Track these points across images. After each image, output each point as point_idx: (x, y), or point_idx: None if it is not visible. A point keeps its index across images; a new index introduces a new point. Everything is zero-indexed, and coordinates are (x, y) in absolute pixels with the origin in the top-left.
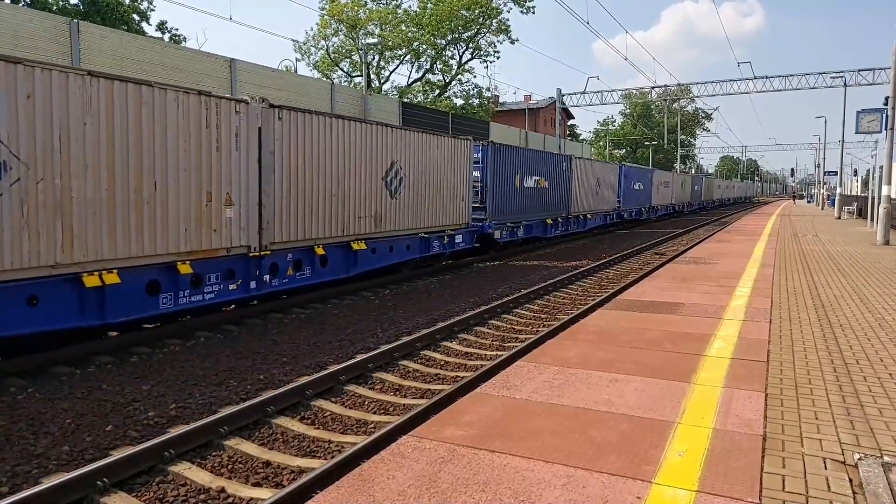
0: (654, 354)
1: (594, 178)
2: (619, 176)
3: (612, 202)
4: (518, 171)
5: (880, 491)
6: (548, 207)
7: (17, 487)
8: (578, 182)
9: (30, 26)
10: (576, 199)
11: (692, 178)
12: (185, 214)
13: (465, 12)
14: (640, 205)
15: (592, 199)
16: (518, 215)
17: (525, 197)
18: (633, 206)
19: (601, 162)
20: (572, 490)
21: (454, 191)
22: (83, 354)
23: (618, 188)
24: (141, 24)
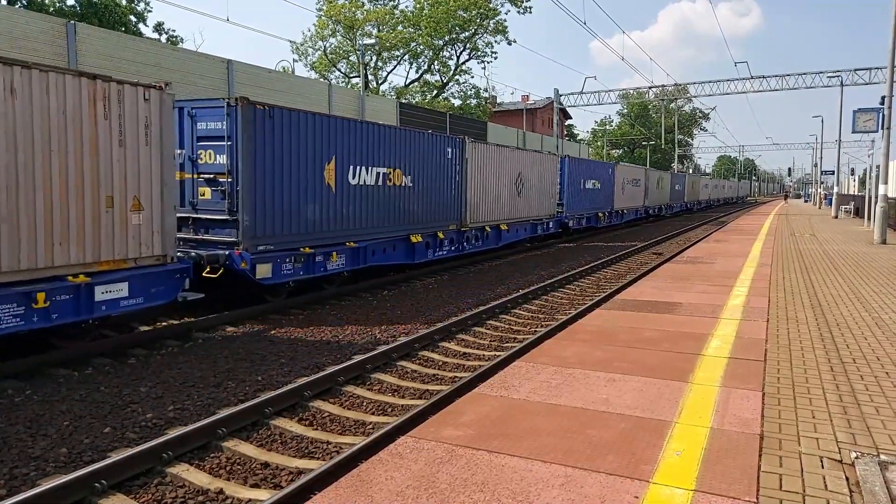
0: (652, 354)
1: (511, 172)
2: (561, 171)
3: (547, 206)
4: None
5: (877, 489)
6: (403, 219)
7: (15, 490)
8: (480, 179)
9: (26, 28)
10: (473, 205)
11: (672, 176)
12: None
13: (462, 13)
14: (595, 208)
15: (507, 203)
16: None
17: None
18: (585, 211)
19: (528, 152)
20: (570, 490)
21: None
22: (81, 356)
23: (560, 187)
24: (138, 25)
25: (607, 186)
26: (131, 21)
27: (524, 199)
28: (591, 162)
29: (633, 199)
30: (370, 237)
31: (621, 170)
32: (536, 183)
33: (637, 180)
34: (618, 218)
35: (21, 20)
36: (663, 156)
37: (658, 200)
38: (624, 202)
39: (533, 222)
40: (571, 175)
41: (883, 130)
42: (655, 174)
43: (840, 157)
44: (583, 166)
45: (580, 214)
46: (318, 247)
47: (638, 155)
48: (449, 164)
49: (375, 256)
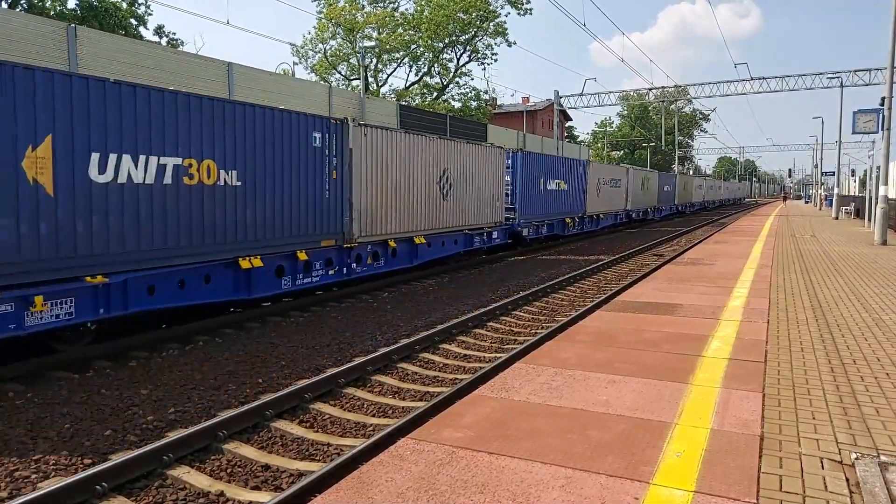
0: (652, 355)
1: (432, 168)
2: (512, 169)
3: (490, 212)
4: None
5: (877, 490)
6: (224, 234)
7: (16, 492)
8: (377, 176)
9: (27, 31)
10: (364, 212)
11: (659, 176)
12: None
13: (462, 15)
14: (561, 213)
15: (427, 209)
16: None
17: None
18: (547, 217)
19: (459, 143)
20: (570, 491)
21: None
22: (82, 359)
23: (512, 188)
24: (138, 28)
25: (577, 187)
26: (132, 24)
27: (454, 204)
28: (554, 158)
29: (611, 202)
30: (146, 265)
31: (596, 169)
32: (473, 183)
33: (616, 180)
34: (592, 224)
35: (22, 23)
36: (664, 157)
37: (643, 203)
38: (599, 205)
39: (469, 233)
40: (526, 174)
41: (883, 131)
42: (639, 174)
43: (840, 158)
44: (542, 163)
45: (539, 221)
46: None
47: (638, 156)
48: (317, 155)
49: (157, 296)
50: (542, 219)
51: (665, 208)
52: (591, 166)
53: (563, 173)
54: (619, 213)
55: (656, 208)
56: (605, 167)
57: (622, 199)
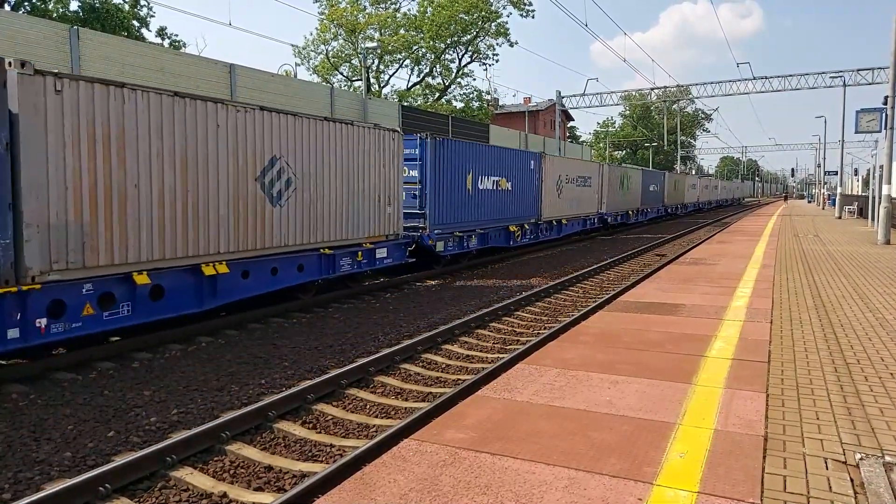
0: (655, 356)
1: (252, 156)
2: (422, 161)
3: (380, 222)
4: None
5: (881, 491)
6: None
7: (19, 494)
8: (89, 166)
9: (30, 33)
10: (70, 229)
11: (644, 174)
12: None
13: (464, 16)
14: (504, 220)
15: (247, 221)
16: None
17: None
18: (480, 224)
19: (307, 119)
20: (573, 492)
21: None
22: (85, 360)
23: (421, 187)
24: (141, 30)
25: (527, 187)
26: (134, 26)
27: (295, 211)
28: (490, 149)
29: (579, 205)
30: None
31: (555, 164)
32: (341, 179)
33: (585, 178)
34: (552, 231)
35: (25, 25)
36: (666, 157)
37: (623, 205)
38: (562, 208)
39: (330, 252)
40: (443, 168)
41: (886, 130)
42: (616, 171)
43: (843, 157)
44: (469, 155)
45: (466, 230)
46: None
47: (640, 156)
48: None
49: None
50: (471, 227)
51: (651, 210)
52: (547, 161)
53: (504, 169)
54: (589, 218)
55: (640, 210)
56: (568, 162)
57: (594, 201)
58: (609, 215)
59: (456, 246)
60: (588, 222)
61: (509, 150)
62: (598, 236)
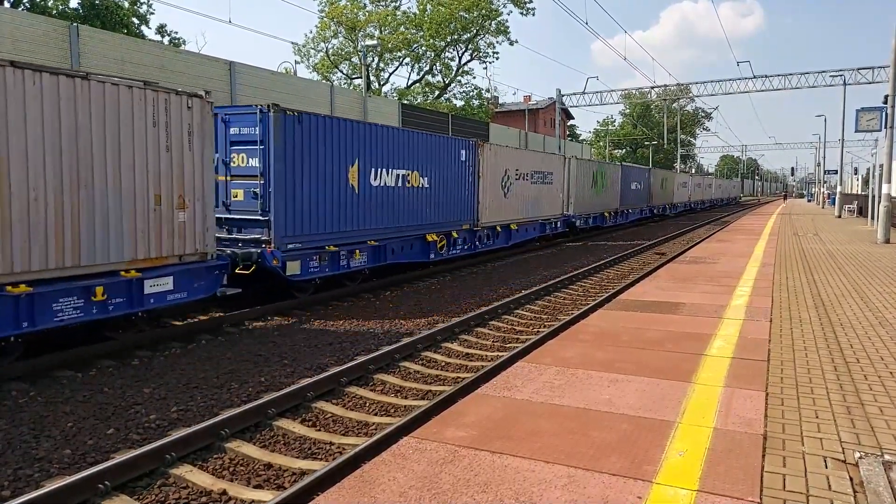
0: (655, 354)
1: None
2: (265, 146)
3: (171, 237)
4: None
5: (881, 489)
6: None
7: (19, 491)
8: None
9: (29, 31)
10: None
11: (624, 171)
12: None
13: (464, 14)
14: (418, 227)
15: None
16: None
17: None
18: (381, 234)
19: None
20: (573, 490)
21: None
22: (85, 358)
23: (265, 185)
24: (140, 27)
25: (457, 184)
26: (133, 23)
27: None
28: (390, 131)
29: (537, 206)
30: None
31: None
32: (55, 172)
33: (544, 174)
34: (495, 239)
35: (24, 23)
36: (666, 155)
37: (597, 205)
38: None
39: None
40: (298, 155)
41: (886, 129)
42: (588, 166)
43: (843, 156)
44: (353, 137)
45: (345, 243)
46: None
47: (640, 155)
48: None
49: None
50: (355, 240)
51: (633, 212)
52: (487, 151)
53: (417, 159)
54: (551, 221)
55: (619, 212)
56: (519, 154)
57: (557, 202)
58: (578, 218)
59: (327, 266)
60: (549, 227)
61: (425, 135)
62: (565, 243)
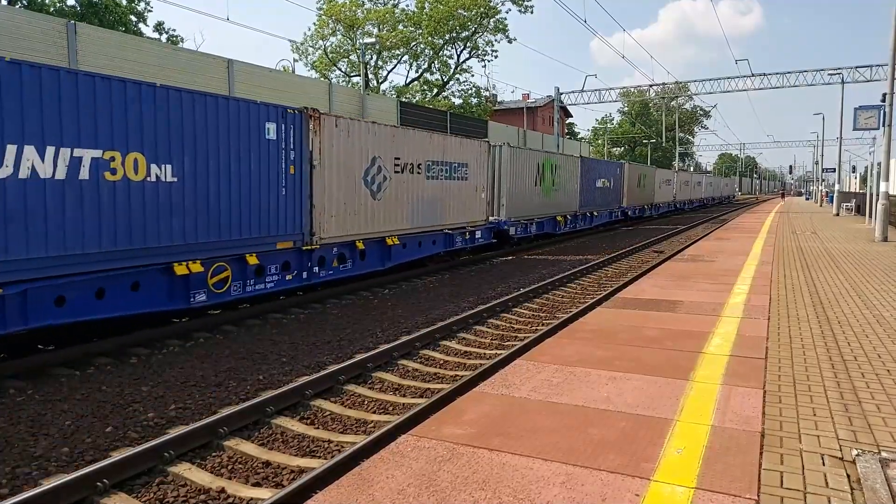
0: (653, 352)
1: None
2: None
3: None
4: None
5: (878, 486)
6: None
7: (17, 489)
8: None
9: (27, 28)
10: None
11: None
12: None
13: (462, 12)
14: (119, 256)
15: None
16: None
17: None
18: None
19: None
20: (571, 488)
21: None
22: (82, 356)
23: None
24: (138, 25)
25: (252, 177)
26: (131, 21)
27: None
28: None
29: (437, 211)
30: None
31: (353, 133)
32: None
33: (453, 166)
34: (351, 265)
35: (22, 20)
36: (665, 154)
37: (548, 207)
38: (383, 221)
39: None
40: None
41: (884, 128)
42: (527, 157)
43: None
44: None
45: None
46: None
47: (639, 153)
48: None
49: None
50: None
51: (600, 214)
52: (333, 127)
53: (143, 131)
54: (466, 231)
55: (578, 215)
56: (401, 137)
57: (475, 204)
58: (512, 225)
59: None
60: (462, 239)
61: (161, 90)
62: (493, 259)
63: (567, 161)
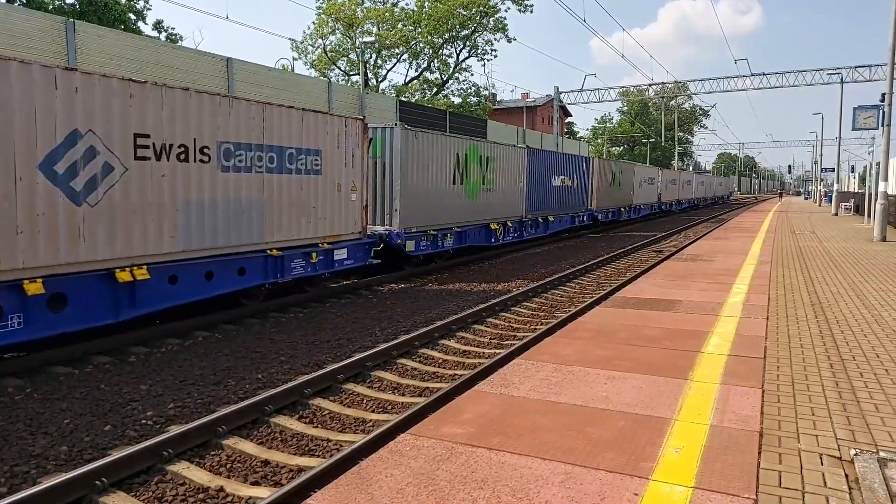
0: (652, 351)
1: None
2: None
3: None
4: None
5: (876, 486)
6: None
7: (15, 488)
8: None
9: (26, 26)
10: None
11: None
12: None
13: (462, 11)
14: None
15: None
16: None
17: None
18: None
19: None
20: (570, 487)
21: None
22: (81, 354)
23: None
24: (137, 23)
25: None
26: (130, 19)
27: None
28: None
29: (296, 218)
30: None
31: (136, 98)
32: None
33: (293, 153)
34: (137, 301)
35: (20, 18)
36: (664, 153)
37: (473, 214)
38: (193, 232)
39: None
40: None
41: (883, 128)
42: (450, 145)
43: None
44: None
45: None
46: None
47: (638, 152)
48: None
49: None
50: None
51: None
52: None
53: None
54: (332, 249)
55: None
56: (172, 98)
57: (340, 211)
58: (411, 238)
59: None
60: (302, 265)
61: None
62: (365, 289)
63: (506, 152)
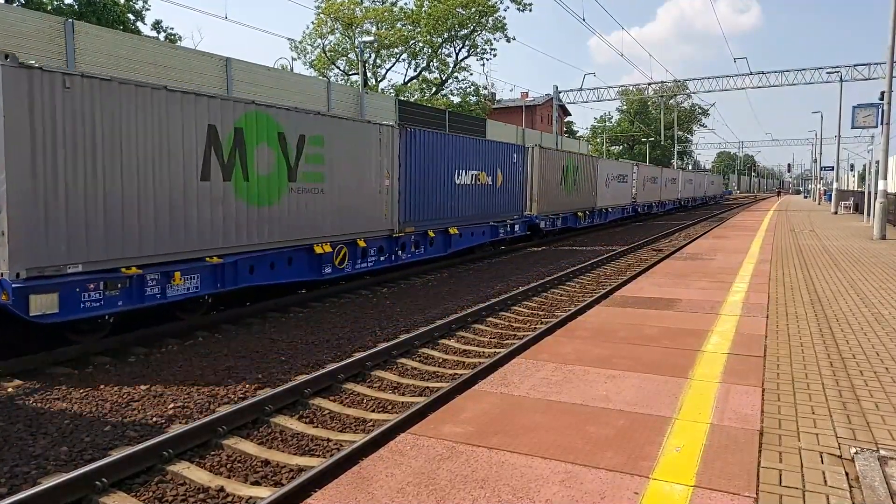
0: (652, 350)
1: None
2: None
3: None
4: None
5: (876, 484)
6: None
7: (15, 488)
8: None
9: (24, 26)
10: None
11: (433, 143)
12: None
13: (461, 10)
14: None
15: None
16: None
17: None
18: None
19: None
20: (570, 486)
21: None
22: (81, 355)
23: None
24: (136, 23)
25: None
26: (129, 19)
27: None
28: None
29: None
30: None
31: None
32: None
33: None
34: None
35: (19, 18)
36: (663, 152)
37: (346, 222)
38: None
39: None
40: None
41: (882, 126)
42: (289, 123)
43: (839, 152)
44: None
45: None
46: None
47: (637, 151)
48: None
49: None
50: None
51: (469, 233)
52: None
53: None
54: None
55: (406, 240)
56: None
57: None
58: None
59: None
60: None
61: None
62: None
63: (377, 128)
